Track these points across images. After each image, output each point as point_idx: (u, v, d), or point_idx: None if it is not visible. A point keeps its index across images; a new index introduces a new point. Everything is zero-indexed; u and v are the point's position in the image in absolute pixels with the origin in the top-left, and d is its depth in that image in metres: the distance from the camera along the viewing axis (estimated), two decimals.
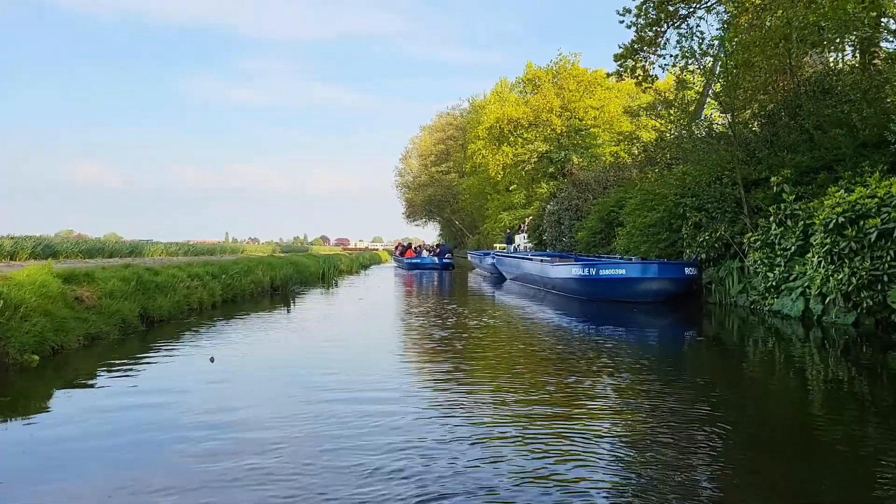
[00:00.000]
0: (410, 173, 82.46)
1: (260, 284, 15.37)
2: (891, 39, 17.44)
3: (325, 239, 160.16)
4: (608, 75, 29.56)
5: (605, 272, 13.24)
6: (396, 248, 48.63)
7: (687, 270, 12.99)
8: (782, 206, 11.56)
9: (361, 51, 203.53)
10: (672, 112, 14.30)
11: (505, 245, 37.59)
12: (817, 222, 9.91)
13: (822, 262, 9.78)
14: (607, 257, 18.99)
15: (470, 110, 68.81)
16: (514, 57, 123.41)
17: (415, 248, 40.75)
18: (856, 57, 16.71)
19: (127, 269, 9.65)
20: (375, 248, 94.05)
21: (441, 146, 75.57)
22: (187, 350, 7.60)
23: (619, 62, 28.47)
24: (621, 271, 13.00)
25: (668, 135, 24.22)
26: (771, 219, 11.74)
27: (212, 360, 6.61)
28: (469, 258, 37.14)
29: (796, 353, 8.37)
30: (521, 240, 35.87)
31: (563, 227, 23.95)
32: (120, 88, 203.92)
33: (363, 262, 38.71)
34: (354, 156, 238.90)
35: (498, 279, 24.64)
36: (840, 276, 9.36)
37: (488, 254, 29.95)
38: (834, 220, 9.51)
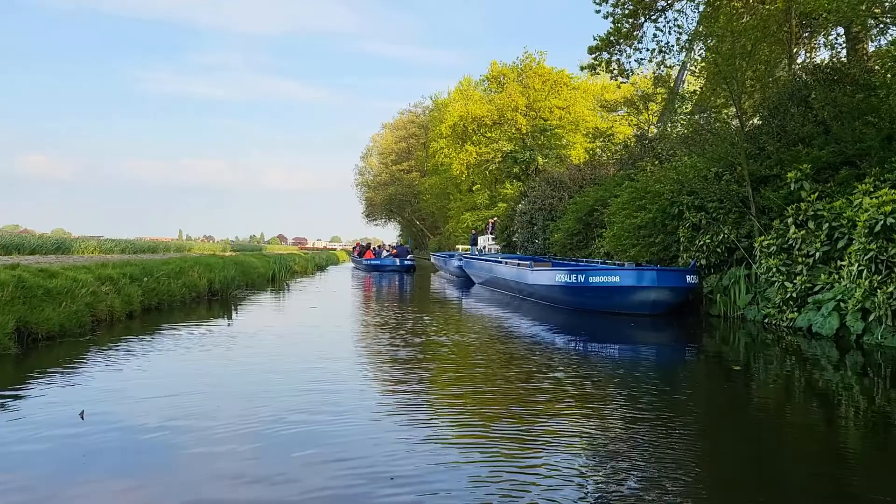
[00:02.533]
0: (371, 172, 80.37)
1: (195, 289, 13.24)
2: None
3: (282, 238, 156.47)
4: (582, 68, 28.26)
5: (595, 279, 11.52)
6: (355, 248, 46.36)
7: (688, 278, 11.37)
8: (802, 205, 10.02)
9: (321, 47, 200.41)
10: (677, 101, 12.58)
11: (469, 247, 35.87)
12: (860, 224, 8.34)
13: (865, 272, 8.21)
14: (586, 261, 17.37)
15: (433, 108, 67.22)
16: (476, 58, 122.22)
17: (373, 248, 38.61)
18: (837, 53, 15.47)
19: (5, 271, 7.52)
20: (333, 247, 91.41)
21: (402, 144, 73.75)
22: (63, 388, 5.55)
23: (593, 55, 27.12)
24: (615, 279, 11.29)
25: (653, 128, 22.79)
26: (789, 220, 10.18)
27: (82, 415, 4.58)
28: (432, 260, 35.27)
29: (830, 382, 6.80)
30: (486, 241, 34.21)
31: (535, 227, 22.23)
32: (75, 81, 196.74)
33: (319, 262, 36.48)
34: (316, 154, 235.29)
35: (464, 283, 22.89)
36: (890, 289, 7.80)
37: (453, 255, 28.18)
38: (881, 222, 7.95)
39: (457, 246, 43.00)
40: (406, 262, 31.81)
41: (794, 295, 9.82)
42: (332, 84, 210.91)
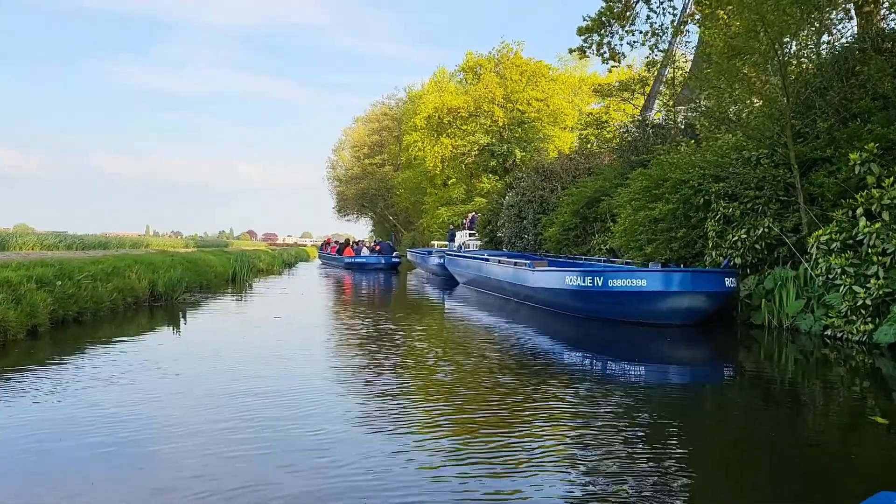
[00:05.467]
0: (342, 166, 77.96)
1: (132, 293, 11.03)
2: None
3: (251, 233, 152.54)
4: (570, 51, 26.32)
5: (616, 283, 9.58)
6: (325, 244, 43.67)
7: (727, 281, 9.50)
8: (874, 192, 8.20)
9: (293, 42, 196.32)
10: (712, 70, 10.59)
11: (447, 242, 33.79)
12: None
13: None
14: (584, 259, 15.52)
15: (406, 100, 65.17)
16: (453, 56, 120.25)
17: (352, 244, 35.92)
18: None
19: None
20: (304, 243, 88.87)
21: (375, 137, 71.56)
22: None
23: (583, 36, 25.31)
24: (640, 282, 9.36)
25: (657, 114, 21.01)
26: (858, 211, 8.36)
27: None
28: (409, 256, 33.16)
29: None
30: (464, 237, 32.20)
31: (525, 222, 20.27)
32: (41, 74, 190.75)
33: (287, 259, 34.16)
34: (289, 150, 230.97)
35: (445, 282, 20.94)
36: None
37: (432, 252, 26.17)
38: None
39: (432, 242, 41.03)
40: (393, 259, 29.62)
41: (867, 302, 7.99)
42: (305, 79, 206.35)
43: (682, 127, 14.15)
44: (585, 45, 25.21)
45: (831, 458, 4.21)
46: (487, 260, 15.58)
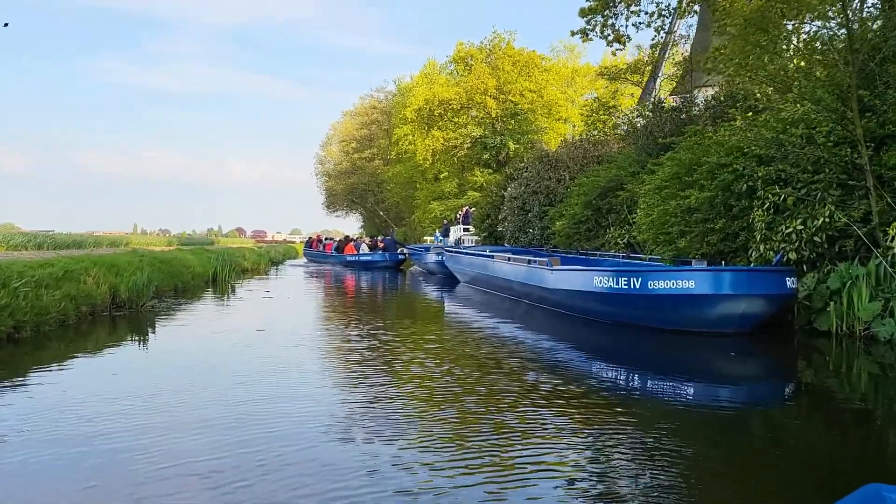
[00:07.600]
0: (331, 161, 76.26)
1: (88, 300, 9.47)
2: None
3: (240, 231, 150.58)
4: (572, 34, 24.82)
5: (657, 285, 8.13)
6: (316, 241, 41.90)
7: (788, 282, 8.07)
8: None
9: (284, 39, 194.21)
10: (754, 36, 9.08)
11: (437, 238, 32.26)
12: None
13: None
14: (600, 254, 14.12)
15: (396, 93, 63.51)
16: (445, 53, 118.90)
17: (353, 241, 34.07)
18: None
19: None
20: (293, 240, 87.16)
21: (364, 131, 69.84)
22: None
23: (586, 18, 23.86)
24: (688, 284, 7.91)
25: (670, 99, 19.59)
26: None
27: None
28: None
29: None
30: (459, 232, 30.71)
31: (530, 215, 18.80)
32: (31, 72, 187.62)
33: (275, 257, 32.56)
34: (280, 147, 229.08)
35: (442, 280, 19.56)
36: None
37: (430, 248, 24.76)
38: None
39: (424, 238, 39.71)
40: (399, 256, 28.05)
41: None
42: (296, 76, 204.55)
43: (717, 104, 12.70)
44: (588, 27, 23.77)
45: None
46: (493, 257, 14.11)
